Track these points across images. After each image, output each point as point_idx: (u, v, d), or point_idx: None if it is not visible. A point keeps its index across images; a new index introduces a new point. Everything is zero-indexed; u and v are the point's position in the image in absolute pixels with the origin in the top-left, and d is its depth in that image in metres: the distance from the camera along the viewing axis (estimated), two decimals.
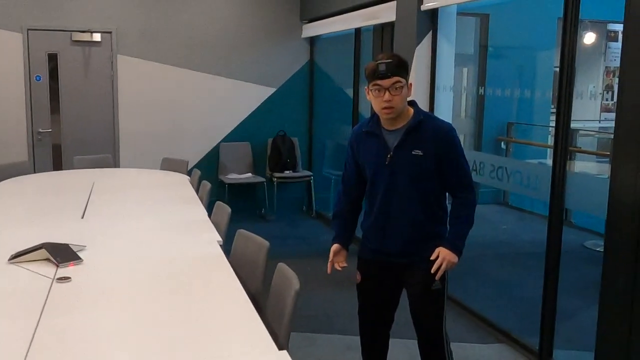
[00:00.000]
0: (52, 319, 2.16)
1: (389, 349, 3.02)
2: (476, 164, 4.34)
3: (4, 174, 5.07)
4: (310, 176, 7.60)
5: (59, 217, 3.84)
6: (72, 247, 2.90)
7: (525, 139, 7.51)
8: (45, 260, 2.77)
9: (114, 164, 6.51)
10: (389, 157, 2.68)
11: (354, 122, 6.47)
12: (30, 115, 6.77)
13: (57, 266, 2.70)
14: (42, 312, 2.20)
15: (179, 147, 7.11)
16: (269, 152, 7.54)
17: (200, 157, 7.37)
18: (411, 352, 3.20)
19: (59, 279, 2.56)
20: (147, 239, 3.35)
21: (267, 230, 6.51)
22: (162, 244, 3.27)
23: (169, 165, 5.91)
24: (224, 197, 6.79)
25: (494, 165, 4.22)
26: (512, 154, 7.28)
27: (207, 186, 4.67)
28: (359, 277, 2.92)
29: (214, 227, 3.53)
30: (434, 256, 2.66)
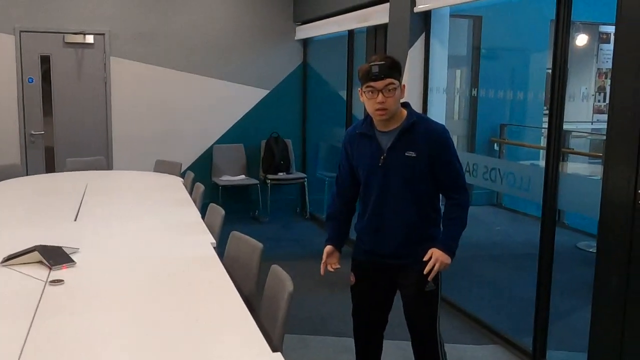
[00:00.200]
0: (45, 321, 2.15)
1: (383, 351, 3.03)
2: (469, 165, 4.35)
3: None
4: (303, 178, 7.60)
5: (51, 219, 3.82)
6: (65, 249, 2.89)
7: (518, 141, 7.54)
8: (38, 262, 2.76)
9: (107, 166, 6.50)
10: (383, 158, 2.69)
11: (348, 124, 6.47)
12: (22, 117, 6.75)
13: (50, 269, 2.69)
14: (35, 315, 2.19)
15: (172, 149, 7.09)
16: (263, 154, 7.53)
17: (193, 159, 7.36)
18: (405, 353, 3.20)
19: (51, 281, 2.55)
20: (141, 241, 3.35)
21: (261, 232, 6.50)
22: (155, 246, 3.26)
23: (162, 167, 5.90)
24: (218, 199, 6.78)
25: (487, 166, 4.23)
26: (505, 156, 7.30)
27: (200, 188, 4.66)
28: (352, 279, 2.92)
29: (207, 229, 3.53)
30: (426, 257, 2.67)
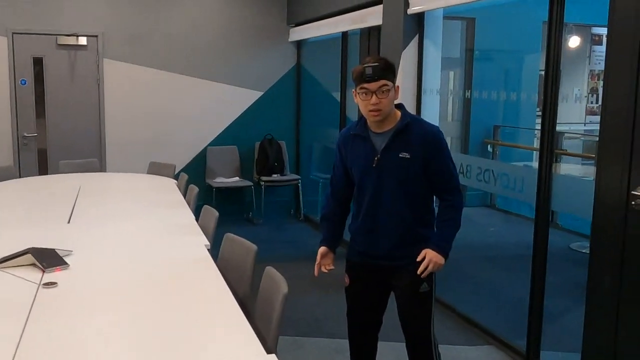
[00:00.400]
0: (39, 324, 2.14)
1: (377, 352, 3.03)
2: (463, 166, 4.36)
3: None
4: (297, 179, 7.60)
5: (45, 222, 3.81)
6: (58, 252, 2.88)
7: (511, 142, 7.55)
8: (31, 265, 2.75)
9: (100, 168, 6.48)
10: (377, 159, 2.69)
11: (341, 126, 6.48)
12: (15, 119, 6.72)
13: (43, 271, 2.68)
14: (28, 318, 2.18)
15: (166, 151, 7.07)
16: (257, 155, 7.53)
17: (187, 161, 7.35)
18: (399, 354, 3.20)
19: (45, 284, 2.54)
20: (134, 244, 3.34)
21: (255, 234, 6.50)
22: (149, 248, 3.26)
23: (156, 169, 5.89)
24: (212, 201, 6.77)
25: (480, 168, 4.24)
26: (498, 157, 7.32)
27: (194, 190, 4.65)
28: (347, 280, 2.92)
29: (201, 231, 3.52)
30: (420, 257, 2.67)
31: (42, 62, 6.77)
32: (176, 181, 5.34)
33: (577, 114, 7.96)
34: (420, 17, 4.76)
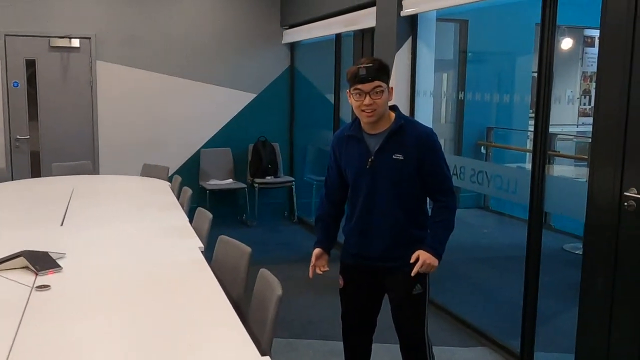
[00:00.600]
0: (32, 327, 2.13)
1: (372, 354, 3.03)
2: (457, 168, 4.37)
3: None
4: (291, 181, 7.59)
5: (37, 224, 3.79)
6: (51, 254, 2.87)
7: (504, 144, 7.57)
8: (24, 268, 2.74)
9: (93, 171, 6.46)
10: (370, 161, 2.69)
11: (335, 128, 6.48)
12: (7, 122, 6.69)
13: (36, 274, 2.67)
14: (21, 321, 2.17)
15: (159, 153, 7.06)
16: (250, 157, 7.53)
17: (181, 163, 7.33)
18: (394, 356, 3.20)
19: (38, 287, 2.53)
20: (128, 246, 3.33)
21: (249, 236, 6.48)
22: (142, 250, 3.25)
23: (150, 171, 5.87)
24: (205, 203, 6.76)
25: (474, 169, 4.25)
26: (492, 159, 7.33)
27: (188, 192, 4.64)
28: (341, 282, 2.92)
29: (195, 234, 3.51)
30: (413, 258, 2.67)
31: (35, 64, 6.75)
32: (170, 183, 5.33)
33: (570, 116, 7.98)
34: (413, 19, 4.78)
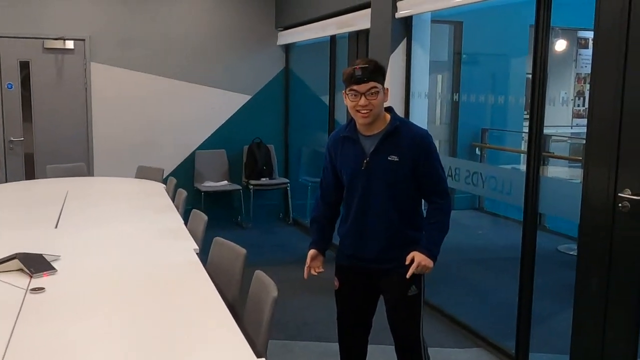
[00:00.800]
0: (26, 330, 2.13)
1: (367, 355, 3.02)
2: (452, 169, 4.38)
3: None
4: (286, 183, 7.59)
5: (32, 226, 3.78)
6: (46, 257, 2.86)
7: (499, 145, 7.59)
8: (18, 270, 2.73)
9: (87, 173, 6.44)
10: (366, 162, 2.70)
11: (330, 129, 6.48)
12: (1, 124, 6.67)
13: (31, 277, 2.66)
14: (16, 323, 2.16)
15: (154, 155, 7.05)
16: (245, 159, 7.52)
17: (175, 165, 7.32)
18: (389, 357, 3.20)
19: (32, 289, 2.52)
20: (123, 248, 3.32)
21: (244, 237, 6.47)
22: (137, 253, 3.24)
23: (144, 173, 5.86)
24: (200, 205, 6.75)
25: (469, 171, 4.26)
26: (486, 160, 7.35)
27: (183, 194, 4.64)
28: (336, 284, 2.92)
29: (190, 236, 3.51)
30: (408, 260, 2.67)
31: (29, 66, 6.73)
32: (164, 185, 5.32)
33: (564, 117, 8.02)
34: (408, 20, 4.78)
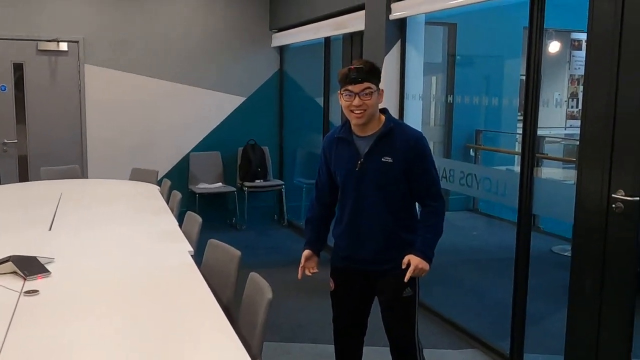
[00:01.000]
0: (20, 333, 2.12)
1: (362, 357, 3.03)
2: (446, 171, 4.38)
3: None
4: (281, 185, 7.59)
5: (26, 229, 3.77)
6: (39, 259, 2.85)
7: (493, 146, 7.62)
8: (12, 273, 2.72)
9: (81, 175, 6.42)
10: (360, 163, 2.70)
11: (325, 131, 6.49)
12: None
13: (25, 279, 2.65)
14: (10, 326, 2.15)
15: (148, 157, 7.04)
16: (240, 161, 7.52)
17: (170, 167, 7.31)
18: (384, 359, 3.20)
19: (26, 292, 2.51)
20: (117, 251, 3.31)
21: (239, 239, 6.48)
22: (132, 255, 3.23)
23: (139, 175, 5.85)
24: (195, 207, 6.74)
25: (463, 172, 4.27)
26: (480, 161, 7.37)
27: (177, 196, 4.63)
28: (332, 285, 2.92)
29: (184, 238, 3.50)
30: (404, 264, 2.66)
31: (23, 67, 6.71)
32: (159, 187, 5.31)
33: (558, 119, 8.04)
34: (402, 22, 4.79)
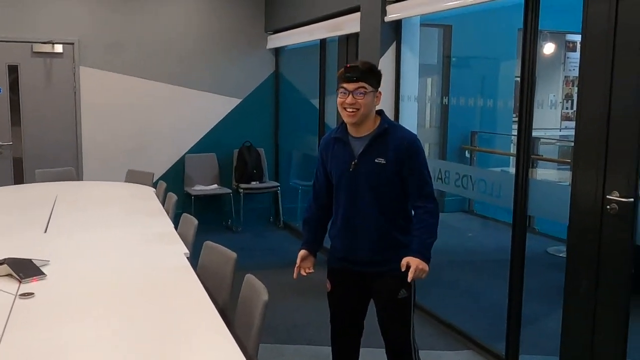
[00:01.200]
0: (15, 335, 2.11)
1: (359, 358, 3.03)
2: (441, 172, 4.39)
3: None
4: (276, 187, 7.59)
5: (21, 231, 3.75)
6: (35, 262, 2.84)
7: (488, 148, 7.63)
8: (7, 276, 2.71)
9: (77, 177, 6.41)
10: (354, 164, 2.71)
11: (320, 133, 6.49)
12: None
13: (20, 282, 2.65)
14: (5, 329, 2.15)
15: (144, 159, 7.03)
16: (235, 163, 7.51)
17: (165, 169, 7.30)
18: None
19: (21, 294, 2.51)
20: (112, 253, 3.31)
21: (235, 241, 6.47)
22: (127, 257, 3.23)
23: (134, 177, 5.83)
24: (190, 209, 6.73)
25: (458, 173, 4.28)
26: (476, 163, 7.39)
27: (173, 198, 4.63)
28: (329, 286, 2.93)
29: (180, 240, 3.50)
30: (403, 267, 2.63)
31: (18, 69, 6.69)
32: (154, 189, 5.30)
33: (553, 120, 8.08)
34: (397, 24, 4.80)
